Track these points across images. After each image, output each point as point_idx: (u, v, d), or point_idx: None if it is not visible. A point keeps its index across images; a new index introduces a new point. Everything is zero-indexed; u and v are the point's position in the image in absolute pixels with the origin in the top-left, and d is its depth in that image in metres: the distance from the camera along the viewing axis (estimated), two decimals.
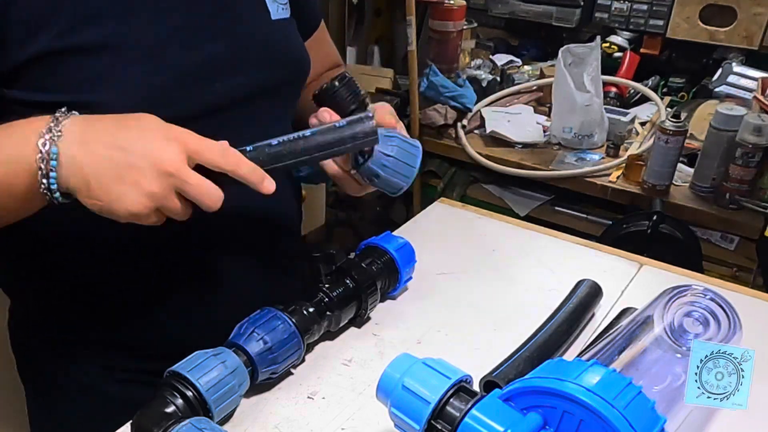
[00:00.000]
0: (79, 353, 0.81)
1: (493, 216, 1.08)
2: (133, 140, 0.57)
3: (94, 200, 0.57)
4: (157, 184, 0.57)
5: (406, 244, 0.85)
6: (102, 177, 0.56)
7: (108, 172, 0.56)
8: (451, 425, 0.53)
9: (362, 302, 0.79)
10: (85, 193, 0.57)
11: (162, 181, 0.57)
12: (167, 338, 0.78)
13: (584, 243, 1.02)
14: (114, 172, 0.56)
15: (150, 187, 0.56)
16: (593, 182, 1.70)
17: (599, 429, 0.47)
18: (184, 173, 0.58)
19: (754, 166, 1.53)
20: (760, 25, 1.82)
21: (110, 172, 0.56)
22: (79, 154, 0.56)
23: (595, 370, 0.50)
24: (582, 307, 0.80)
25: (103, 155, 0.56)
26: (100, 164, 0.56)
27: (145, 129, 0.58)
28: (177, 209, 0.59)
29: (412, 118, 1.94)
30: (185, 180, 0.58)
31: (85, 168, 0.56)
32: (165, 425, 0.59)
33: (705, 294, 0.68)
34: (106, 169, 0.56)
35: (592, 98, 1.75)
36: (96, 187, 0.56)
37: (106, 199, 0.57)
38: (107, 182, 0.56)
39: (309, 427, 0.68)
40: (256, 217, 0.79)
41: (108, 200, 0.57)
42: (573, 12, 2.10)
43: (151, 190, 0.57)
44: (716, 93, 1.83)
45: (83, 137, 0.57)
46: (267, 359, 0.69)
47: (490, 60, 2.19)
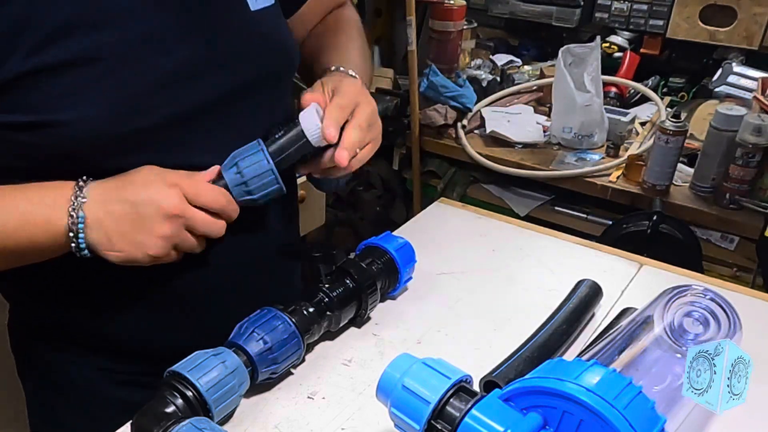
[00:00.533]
0: (77, 355, 0.81)
1: (493, 216, 1.08)
2: (138, 192, 0.65)
3: (116, 252, 0.65)
4: (168, 226, 0.65)
5: (406, 244, 0.85)
6: (120, 230, 0.65)
7: (124, 225, 0.65)
8: (451, 425, 0.53)
9: (362, 302, 0.79)
10: (108, 247, 0.65)
11: (171, 223, 0.65)
12: (165, 341, 0.78)
13: (584, 243, 1.02)
14: (129, 224, 0.65)
15: (162, 230, 0.65)
16: (593, 182, 1.70)
17: (599, 429, 0.47)
18: (189, 212, 0.66)
19: (754, 166, 1.53)
20: (760, 25, 1.82)
21: (126, 225, 0.65)
22: (101, 215, 0.64)
23: (595, 370, 0.50)
24: (582, 307, 0.80)
25: (118, 211, 0.65)
26: (118, 220, 0.65)
27: (147, 181, 0.66)
28: (192, 244, 0.68)
29: (412, 118, 1.94)
30: (192, 218, 0.66)
31: (106, 226, 0.65)
32: (165, 425, 0.59)
33: (705, 294, 0.68)
34: (123, 223, 0.65)
35: (592, 98, 1.75)
36: (116, 240, 0.65)
37: (126, 249, 0.65)
38: (125, 234, 0.65)
39: (309, 427, 0.68)
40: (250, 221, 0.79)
41: (128, 249, 0.65)
42: (573, 12, 2.10)
43: (164, 233, 0.65)
44: (716, 93, 1.83)
45: (102, 198, 0.65)
46: (267, 359, 0.69)
47: (490, 60, 2.19)
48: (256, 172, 0.69)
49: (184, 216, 0.66)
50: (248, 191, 0.70)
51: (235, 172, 0.69)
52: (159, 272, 0.75)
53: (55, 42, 0.62)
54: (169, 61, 0.67)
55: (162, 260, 0.67)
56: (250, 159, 0.69)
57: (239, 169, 0.69)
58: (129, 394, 0.79)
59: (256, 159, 0.69)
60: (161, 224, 0.65)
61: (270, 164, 0.69)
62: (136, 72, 0.66)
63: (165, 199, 0.65)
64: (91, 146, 0.65)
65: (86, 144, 0.65)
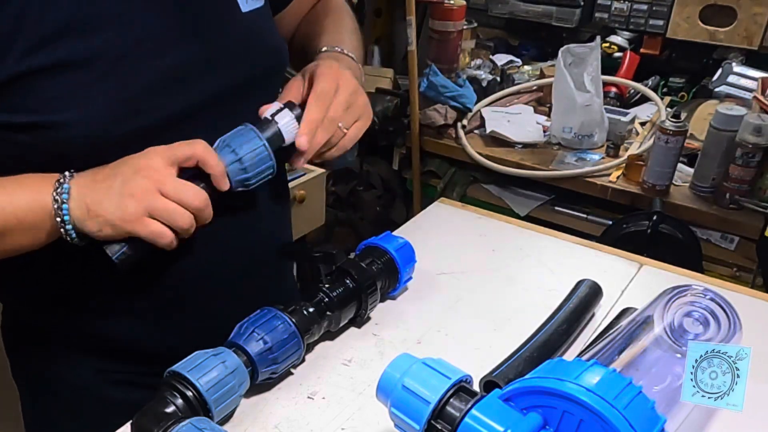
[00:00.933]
0: (72, 356, 0.80)
1: (493, 216, 1.08)
2: (121, 164, 0.65)
3: (94, 218, 0.64)
4: (139, 183, 0.63)
5: (406, 244, 0.85)
6: (97, 198, 0.64)
7: (101, 192, 0.64)
8: (451, 425, 0.53)
9: (362, 302, 0.79)
10: (87, 215, 0.64)
11: (143, 180, 0.63)
12: (161, 342, 0.78)
13: (584, 243, 1.02)
14: (105, 190, 0.64)
15: (133, 188, 0.63)
16: (593, 182, 1.70)
17: (599, 429, 0.47)
18: (165, 172, 0.64)
19: (754, 166, 1.53)
20: (760, 25, 1.82)
21: (103, 192, 0.64)
22: (83, 189, 0.64)
23: (595, 370, 0.50)
24: (582, 307, 0.80)
25: (97, 183, 0.65)
26: (96, 189, 0.64)
27: (130, 157, 0.66)
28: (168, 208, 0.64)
29: (412, 118, 1.94)
30: (166, 177, 0.64)
31: (86, 196, 0.64)
32: (165, 425, 0.59)
33: (705, 294, 0.68)
34: (100, 190, 0.64)
35: (592, 98, 1.75)
36: (93, 207, 0.64)
37: (102, 213, 0.64)
38: (101, 199, 0.64)
39: (309, 427, 0.68)
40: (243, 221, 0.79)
41: (104, 213, 0.64)
42: (573, 12, 2.10)
43: (134, 190, 0.63)
44: (716, 93, 1.83)
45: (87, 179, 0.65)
46: (267, 359, 0.69)
47: (490, 60, 2.19)
48: (251, 148, 0.69)
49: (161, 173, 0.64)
50: (243, 169, 0.69)
51: (230, 151, 0.69)
52: (155, 273, 0.75)
53: (51, 43, 0.62)
54: (163, 62, 0.68)
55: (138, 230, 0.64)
56: (243, 138, 0.70)
57: (233, 147, 0.69)
58: (126, 395, 0.79)
59: (250, 137, 0.70)
60: (134, 183, 0.63)
61: (263, 140, 0.70)
62: (132, 74, 0.66)
63: (144, 161, 0.64)
64: (87, 147, 0.65)
65: (83, 145, 0.65)
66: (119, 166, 0.65)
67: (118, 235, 0.64)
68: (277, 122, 0.72)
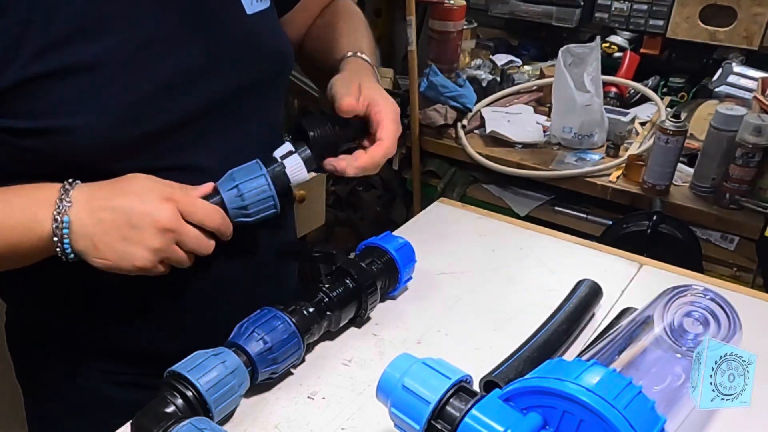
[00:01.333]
0: (75, 357, 0.81)
1: (493, 216, 1.08)
2: (133, 203, 0.64)
3: (102, 259, 0.64)
4: (159, 240, 0.64)
5: (406, 244, 0.85)
6: (108, 239, 0.63)
7: (113, 234, 0.63)
8: (451, 425, 0.53)
9: (362, 302, 0.79)
10: (93, 254, 0.64)
11: (163, 237, 0.64)
12: (163, 343, 0.78)
13: (584, 243, 1.02)
14: (119, 233, 0.63)
15: (153, 243, 0.64)
16: (593, 182, 1.70)
17: (599, 429, 0.47)
18: (182, 228, 0.65)
19: (754, 166, 1.53)
20: (760, 25, 1.82)
21: (116, 234, 0.63)
22: (88, 222, 0.63)
23: (595, 370, 0.50)
24: (582, 307, 0.80)
25: (107, 220, 0.63)
26: (106, 228, 0.63)
27: (142, 191, 0.65)
28: (181, 258, 0.67)
29: (412, 118, 1.94)
30: (184, 234, 0.66)
31: (93, 233, 0.63)
32: (165, 425, 0.59)
33: (705, 294, 0.68)
34: (112, 231, 0.63)
35: (592, 98, 1.75)
36: (103, 249, 0.63)
37: (113, 258, 0.64)
38: (113, 243, 0.63)
39: (309, 427, 0.68)
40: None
41: (115, 259, 0.64)
42: (573, 12, 2.10)
43: (153, 246, 0.64)
44: (716, 93, 1.83)
45: (89, 205, 0.63)
46: (267, 359, 0.69)
47: (490, 60, 2.19)
48: (258, 196, 0.70)
49: (177, 231, 0.65)
50: (245, 213, 0.70)
51: (236, 194, 0.69)
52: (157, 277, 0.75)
53: (58, 48, 0.62)
54: (168, 67, 0.68)
55: (148, 273, 0.66)
56: (252, 181, 0.70)
57: (240, 192, 0.69)
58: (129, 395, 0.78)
59: (259, 183, 0.70)
60: (153, 237, 0.64)
61: (272, 190, 0.71)
62: (137, 78, 0.66)
63: (160, 213, 0.64)
64: (92, 152, 0.65)
65: (88, 150, 0.65)
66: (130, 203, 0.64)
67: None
68: (285, 165, 0.73)
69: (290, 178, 0.73)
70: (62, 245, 0.63)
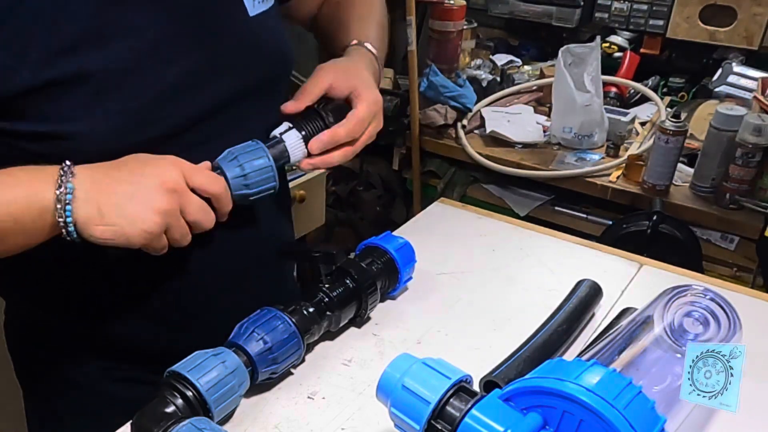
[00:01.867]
0: (75, 354, 0.81)
1: (493, 216, 1.08)
2: (137, 170, 0.63)
3: (108, 225, 0.61)
4: (166, 200, 0.62)
5: (406, 244, 0.85)
6: (114, 203, 0.61)
7: (119, 197, 0.61)
8: (451, 425, 0.53)
9: (362, 302, 0.79)
10: (98, 221, 0.61)
11: (170, 197, 0.62)
12: (163, 341, 0.78)
13: (584, 243, 1.02)
14: (125, 196, 0.61)
15: (160, 203, 0.62)
16: (593, 182, 1.70)
17: (599, 429, 0.47)
18: (186, 193, 0.64)
19: (754, 166, 1.53)
20: (760, 25, 1.82)
21: (122, 198, 0.61)
22: (91, 189, 0.61)
23: (595, 370, 0.50)
24: (582, 307, 0.80)
25: (112, 185, 0.62)
26: (111, 193, 0.62)
27: (143, 160, 0.64)
28: (183, 230, 0.65)
29: (412, 118, 1.94)
30: (188, 199, 0.64)
31: (97, 198, 0.61)
32: (165, 425, 0.59)
33: (705, 294, 0.68)
34: (119, 195, 0.61)
35: (592, 98, 1.75)
36: (108, 213, 0.61)
37: (119, 223, 0.61)
38: (121, 205, 0.61)
39: (309, 427, 0.68)
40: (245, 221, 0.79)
41: (121, 224, 0.61)
42: (573, 12, 2.10)
43: (161, 206, 0.62)
44: (716, 93, 1.83)
45: (93, 173, 0.62)
46: (267, 359, 0.69)
47: (490, 60, 2.19)
48: (258, 168, 0.70)
49: (183, 193, 0.63)
50: (246, 185, 0.70)
51: (237, 165, 0.70)
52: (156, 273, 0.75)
53: (64, 56, 0.62)
54: (173, 72, 0.68)
55: (153, 242, 0.63)
56: (252, 154, 0.71)
57: (240, 162, 0.70)
58: (129, 393, 0.79)
59: (258, 155, 0.71)
60: (161, 197, 0.62)
61: (271, 161, 0.71)
62: (143, 84, 0.66)
63: (166, 173, 0.63)
64: (97, 157, 0.65)
65: (93, 155, 0.65)
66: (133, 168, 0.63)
67: (123, 246, 0.63)
68: (285, 141, 0.74)
69: (289, 152, 0.74)
70: (65, 214, 0.60)
